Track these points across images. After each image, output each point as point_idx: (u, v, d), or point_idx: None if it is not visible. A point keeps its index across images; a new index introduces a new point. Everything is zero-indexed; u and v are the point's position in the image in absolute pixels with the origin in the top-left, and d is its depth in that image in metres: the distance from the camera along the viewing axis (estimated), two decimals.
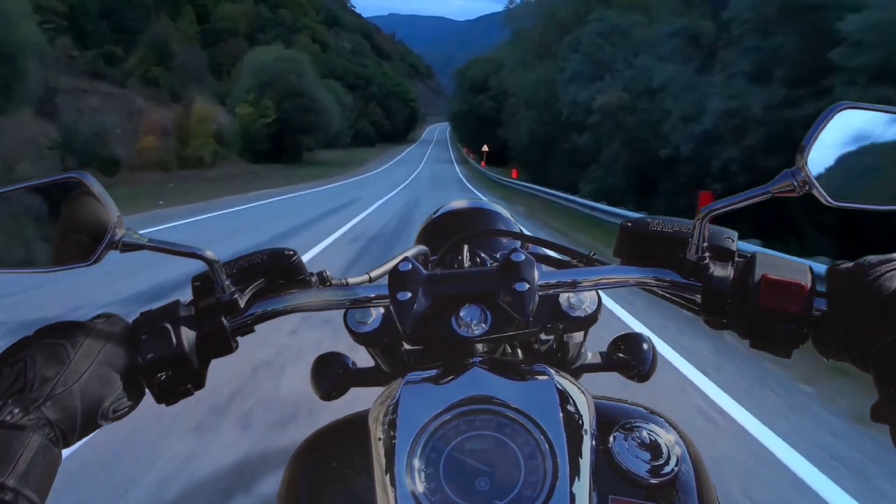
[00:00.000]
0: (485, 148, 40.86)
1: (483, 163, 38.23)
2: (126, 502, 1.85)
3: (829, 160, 0.51)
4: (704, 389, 2.89)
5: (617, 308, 4.17)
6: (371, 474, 0.48)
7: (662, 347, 3.45)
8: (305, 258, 0.59)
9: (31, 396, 0.43)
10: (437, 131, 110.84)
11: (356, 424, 0.56)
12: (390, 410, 0.50)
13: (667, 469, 0.51)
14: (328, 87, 50.12)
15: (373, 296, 0.60)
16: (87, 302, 3.97)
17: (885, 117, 0.50)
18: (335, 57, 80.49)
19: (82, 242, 0.51)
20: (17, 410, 0.43)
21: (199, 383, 0.53)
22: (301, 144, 39.41)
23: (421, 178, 28.19)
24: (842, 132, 0.51)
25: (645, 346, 0.77)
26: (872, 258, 0.48)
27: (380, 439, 0.49)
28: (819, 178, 0.50)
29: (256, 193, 14.88)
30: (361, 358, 0.80)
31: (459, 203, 1.11)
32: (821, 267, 0.49)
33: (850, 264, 0.49)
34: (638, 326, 3.83)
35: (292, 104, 38.28)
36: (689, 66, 13.00)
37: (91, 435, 0.46)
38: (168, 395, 0.52)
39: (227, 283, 0.55)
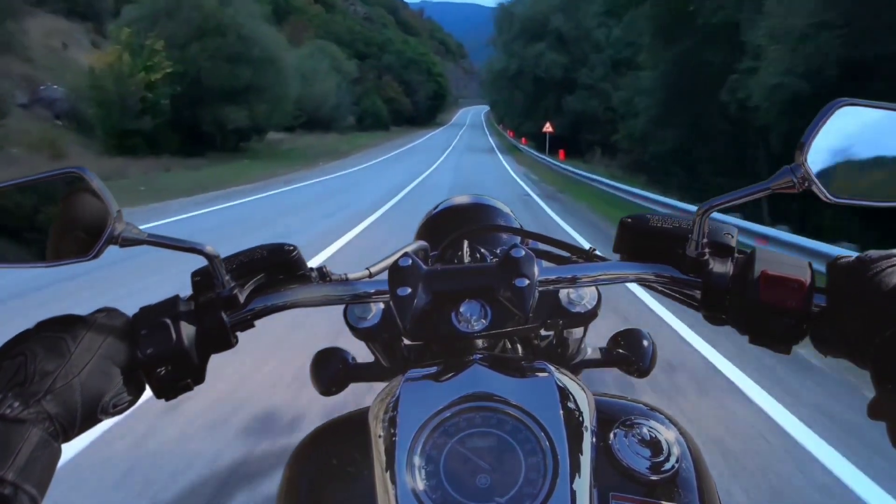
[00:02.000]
0: (547, 128, 26.62)
1: (562, 153, 24.92)
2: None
3: (828, 157, 0.57)
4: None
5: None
6: (372, 472, 0.54)
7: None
8: None
9: (31, 390, 0.48)
10: (471, 115, 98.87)
11: (356, 422, 0.62)
12: (390, 408, 0.56)
13: (667, 466, 0.55)
14: (322, 50, 37.72)
15: (372, 291, 0.66)
16: None
17: (884, 114, 0.58)
18: (340, 18, 70.74)
19: (81, 237, 0.56)
20: (17, 404, 0.47)
21: (199, 378, 0.60)
22: (225, 123, 18.34)
23: (431, 191, 14.79)
24: (841, 129, 0.57)
25: (645, 341, 0.83)
26: (874, 253, 0.55)
27: (380, 437, 0.55)
28: (818, 174, 0.56)
29: None
30: (361, 353, 0.89)
31: (459, 198, 1.16)
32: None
33: (852, 258, 0.57)
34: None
35: (207, 49, 16.97)
36: None
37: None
38: (168, 391, 0.59)
39: (227, 278, 0.62)
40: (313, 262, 0.70)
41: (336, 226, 8.85)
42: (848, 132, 0.55)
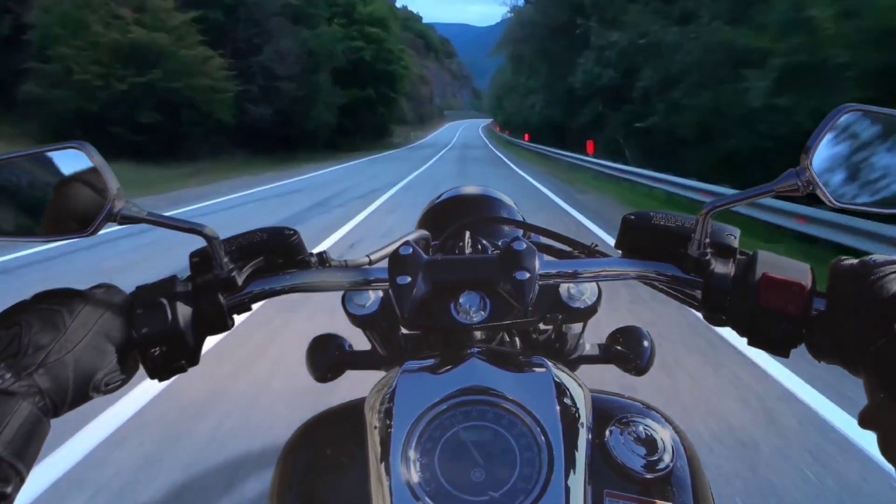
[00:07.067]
0: None
1: None
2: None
3: (833, 161, 0.58)
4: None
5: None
6: (366, 463, 0.54)
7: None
8: None
9: (23, 362, 0.48)
10: (464, 130, 71.53)
11: (352, 412, 0.62)
12: (387, 399, 0.56)
13: (662, 464, 0.56)
14: None
15: (372, 279, 0.66)
16: None
17: (890, 120, 0.59)
18: None
19: (80, 212, 0.56)
20: (8, 376, 0.47)
21: (194, 360, 0.60)
22: None
23: None
24: (847, 134, 0.58)
25: (644, 341, 0.82)
26: (878, 257, 0.55)
27: (375, 428, 0.55)
28: (823, 178, 0.57)
29: None
30: (358, 341, 0.87)
31: (464, 189, 1.14)
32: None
33: (855, 262, 0.57)
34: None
35: None
36: None
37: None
38: (161, 371, 0.59)
39: (226, 260, 0.62)
40: None
41: None
42: (853, 137, 0.56)
